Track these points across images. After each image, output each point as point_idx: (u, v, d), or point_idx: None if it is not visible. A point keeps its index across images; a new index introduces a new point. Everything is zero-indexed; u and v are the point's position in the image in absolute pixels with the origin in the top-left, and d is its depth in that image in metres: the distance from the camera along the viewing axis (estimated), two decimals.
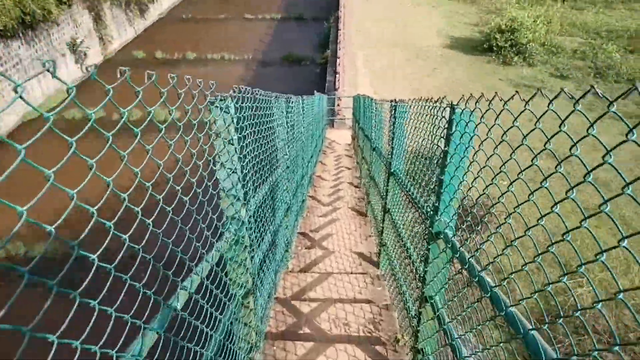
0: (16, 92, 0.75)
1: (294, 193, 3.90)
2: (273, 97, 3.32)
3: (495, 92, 1.71)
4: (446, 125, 2.18)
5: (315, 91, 8.01)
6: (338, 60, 17.88)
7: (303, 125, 5.66)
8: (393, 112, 3.70)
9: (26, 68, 20.76)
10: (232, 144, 2.05)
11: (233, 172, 2.08)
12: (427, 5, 27.13)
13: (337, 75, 16.86)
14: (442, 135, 2.24)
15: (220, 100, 1.92)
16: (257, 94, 2.58)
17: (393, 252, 3.80)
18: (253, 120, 2.54)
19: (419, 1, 27.91)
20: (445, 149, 2.15)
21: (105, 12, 27.00)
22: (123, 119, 1.06)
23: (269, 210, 3.28)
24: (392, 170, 3.65)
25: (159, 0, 33.46)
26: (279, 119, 3.70)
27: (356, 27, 23.86)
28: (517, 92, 1.49)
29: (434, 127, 2.43)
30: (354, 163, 10.07)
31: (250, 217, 2.47)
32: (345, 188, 7.63)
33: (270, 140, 3.31)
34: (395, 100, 3.70)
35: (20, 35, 20.20)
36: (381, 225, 4.22)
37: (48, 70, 0.76)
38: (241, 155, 2.22)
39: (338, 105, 15.50)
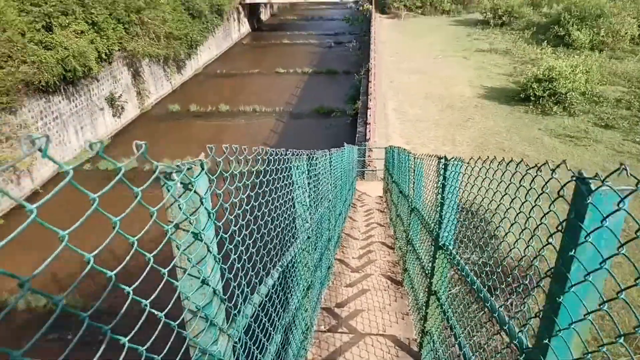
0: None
1: (315, 267, 3.18)
2: (286, 155, 2.72)
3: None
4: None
5: (344, 142, 7.35)
6: (369, 111, 17.41)
7: (330, 183, 4.96)
8: (442, 172, 2.96)
9: (65, 122, 21.24)
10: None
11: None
12: (458, 57, 26.78)
13: (368, 126, 16.32)
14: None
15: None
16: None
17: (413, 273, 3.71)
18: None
19: (449, 54, 27.64)
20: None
21: (144, 68, 27.87)
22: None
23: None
24: (441, 243, 2.86)
25: (196, 57, 34.53)
26: (298, 181, 3.18)
27: (386, 79, 23.60)
28: (622, 165, 1.10)
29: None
30: (386, 219, 9.20)
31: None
32: (376, 249, 6.74)
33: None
34: (445, 157, 2.97)
35: (62, 90, 20.82)
36: (424, 310, 3.33)
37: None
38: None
39: (369, 156, 14.83)
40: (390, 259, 6.28)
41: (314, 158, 3.41)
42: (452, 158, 2.90)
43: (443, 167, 3.04)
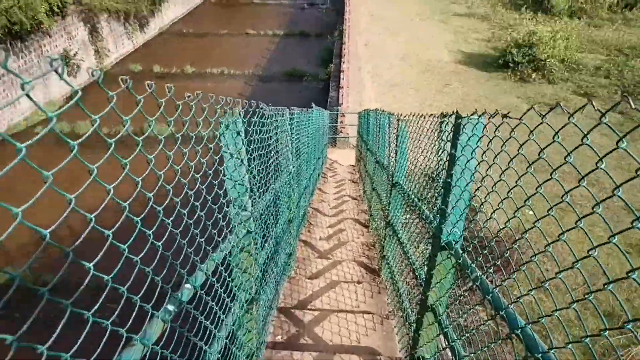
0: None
1: (263, 271, 2.85)
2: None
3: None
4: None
5: (312, 104, 6.21)
6: (342, 74, 16.20)
7: (292, 151, 4.03)
8: (450, 137, 2.16)
9: (13, 80, 19.29)
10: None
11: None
12: (435, 20, 25.55)
13: (341, 90, 15.14)
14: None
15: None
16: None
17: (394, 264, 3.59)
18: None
19: (425, 16, 26.36)
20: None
21: (102, 24, 25.61)
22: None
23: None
24: (445, 242, 1.92)
25: (161, 15, 32.19)
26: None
27: (361, 41, 22.27)
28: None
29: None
30: (359, 191, 8.21)
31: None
32: (348, 228, 5.72)
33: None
34: (457, 113, 2.09)
35: (8, 46, 18.76)
36: (415, 328, 2.38)
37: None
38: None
39: (341, 122, 13.73)
40: (365, 239, 5.28)
41: (260, 114, 2.46)
42: (470, 114, 1.92)
43: (452, 129, 2.02)
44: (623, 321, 0.89)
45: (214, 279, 1.67)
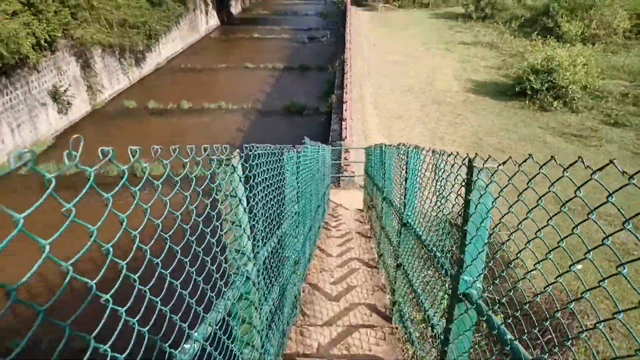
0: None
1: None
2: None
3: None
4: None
5: (305, 138, 4.37)
6: (344, 105, 14.44)
7: (266, 214, 2.68)
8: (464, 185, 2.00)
9: None
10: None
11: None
12: (440, 49, 24.05)
13: (344, 123, 13.34)
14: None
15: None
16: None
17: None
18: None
19: (430, 45, 24.90)
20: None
21: (95, 59, 24.23)
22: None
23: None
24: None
25: (158, 50, 31.03)
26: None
27: (364, 72, 20.70)
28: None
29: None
30: (371, 251, 6.20)
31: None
32: (360, 322, 3.66)
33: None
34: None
35: None
36: None
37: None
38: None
39: (345, 158, 11.86)
40: (388, 347, 3.25)
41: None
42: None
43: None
44: None
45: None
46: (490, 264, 1.88)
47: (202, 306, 1.47)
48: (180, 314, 1.26)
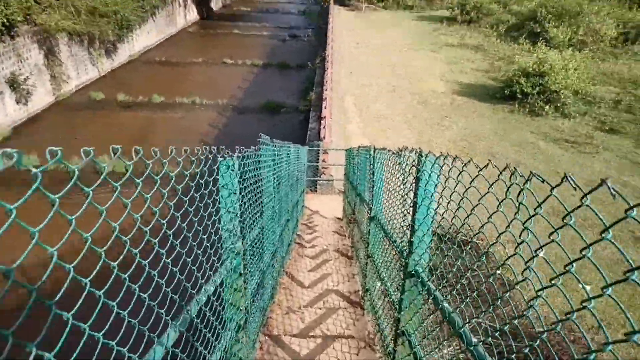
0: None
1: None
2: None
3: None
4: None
5: (261, 135, 3.09)
6: (324, 102, 13.08)
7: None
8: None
9: None
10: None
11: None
12: (426, 50, 22.91)
13: (323, 121, 11.97)
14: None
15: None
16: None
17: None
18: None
19: (415, 47, 23.76)
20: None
21: (61, 48, 22.27)
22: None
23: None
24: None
25: (131, 41, 29.13)
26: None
27: (346, 70, 19.38)
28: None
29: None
30: (354, 278, 4.80)
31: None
32: None
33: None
34: None
35: None
36: None
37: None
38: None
39: (324, 160, 10.49)
40: None
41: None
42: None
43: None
44: None
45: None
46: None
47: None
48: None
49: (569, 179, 0.92)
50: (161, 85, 24.20)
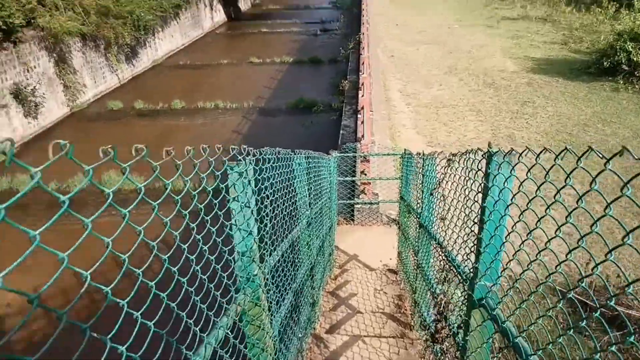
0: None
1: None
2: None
3: None
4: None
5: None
6: (360, 91, 9.31)
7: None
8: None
9: None
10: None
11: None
12: (480, 26, 18.60)
13: (360, 115, 8.21)
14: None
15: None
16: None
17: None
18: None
19: (467, 23, 19.47)
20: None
21: (74, 54, 19.66)
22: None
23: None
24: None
25: (153, 45, 26.51)
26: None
27: (386, 52, 15.44)
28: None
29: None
30: None
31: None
32: None
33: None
34: None
35: None
36: None
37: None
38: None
39: (363, 173, 6.71)
40: None
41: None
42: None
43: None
44: None
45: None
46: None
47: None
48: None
49: None
50: (183, 91, 21.37)
